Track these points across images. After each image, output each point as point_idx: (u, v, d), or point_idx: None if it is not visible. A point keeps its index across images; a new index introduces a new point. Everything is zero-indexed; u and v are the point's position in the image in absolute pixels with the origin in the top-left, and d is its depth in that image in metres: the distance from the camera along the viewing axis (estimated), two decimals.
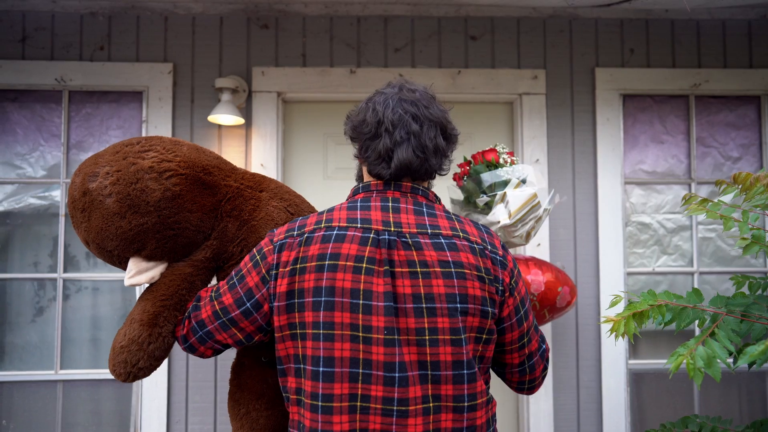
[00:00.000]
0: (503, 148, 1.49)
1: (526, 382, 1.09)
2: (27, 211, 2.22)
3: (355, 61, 2.27)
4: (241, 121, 2.15)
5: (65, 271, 2.19)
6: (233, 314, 1.00)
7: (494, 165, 1.47)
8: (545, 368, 1.10)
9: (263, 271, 0.97)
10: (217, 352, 1.07)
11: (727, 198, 1.27)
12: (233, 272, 1.04)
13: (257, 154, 2.20)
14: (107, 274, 2.19)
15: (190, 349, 1.07)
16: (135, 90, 2.23)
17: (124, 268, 1.13)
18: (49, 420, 2.14)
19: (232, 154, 2.21)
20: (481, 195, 1.42)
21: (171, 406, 2.12)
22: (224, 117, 2.11)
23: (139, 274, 1.09)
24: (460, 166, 1.55)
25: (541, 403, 2.15)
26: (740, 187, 1.13)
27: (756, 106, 2.35)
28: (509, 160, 1.47)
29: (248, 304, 0.98)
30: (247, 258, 1.02)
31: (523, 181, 1.44)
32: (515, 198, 1.37)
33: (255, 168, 2.19)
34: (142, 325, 1.05)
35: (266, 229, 1.15)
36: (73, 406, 2.15)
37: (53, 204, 2.22)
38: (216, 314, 1.01)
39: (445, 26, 2.29)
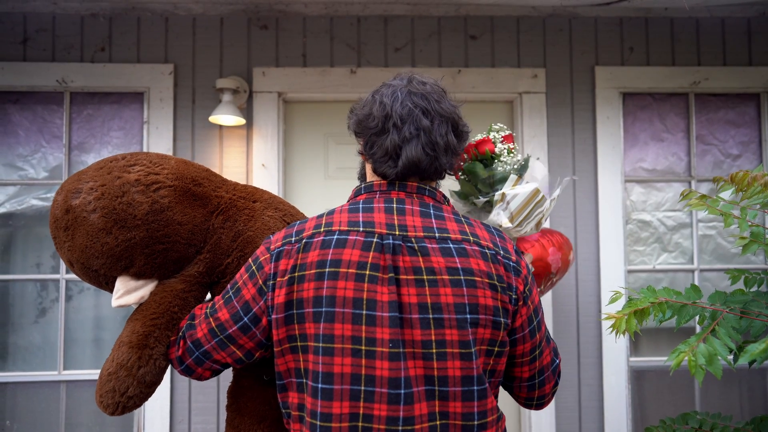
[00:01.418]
0: (499, 133, 1.30)
1: (534, 399, 1.02)
2: (29, 213, 2.22)
3: (356, 61, 2.27)
4: (242, 121, 2.16)
5: (68, 271, 2.19)
6: (230, 331, 0.93)
7: (490, 158, 1.28)
8: (556, 384, 1.03)
9: (260, 282, 0.90)
10: (215, 373, 1.00)
11: (724, 195, 1.28)
12: (229, 285, 0.97)
13: (258, 155, 2.20)
14: None
15: (187, 371, 0.99)
16: (136, 91, 2.23)
17: (112, 290, 1.06)
18: (52, 420, 2.15)
19: (233, 154, 2.22)
20: (479, 196, 1.29)
21: (174, 406, 2.12)
22: (225, 117, 2.12)
23: (128, 294, 1.03)
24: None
25: None
26: (736, 186, 1.14)
27: (755, 104, 2.35)
28: (505, 149, 1.29)
29: (246, 319, 0.91)
30: (242, 269, 0.95)
31: (521, 176, 1.29)
32: (516, 198, 1.22)
33: (256, 168, 2.20)
34: (131, 347, 0.98)
35: (263, 239, 1.07)
36: (77, 407, 2.16)
37: None
38: (212, 332, 0.94)
39: (445, 26, 2.30)
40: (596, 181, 2.25)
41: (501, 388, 1.03)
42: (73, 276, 2.19)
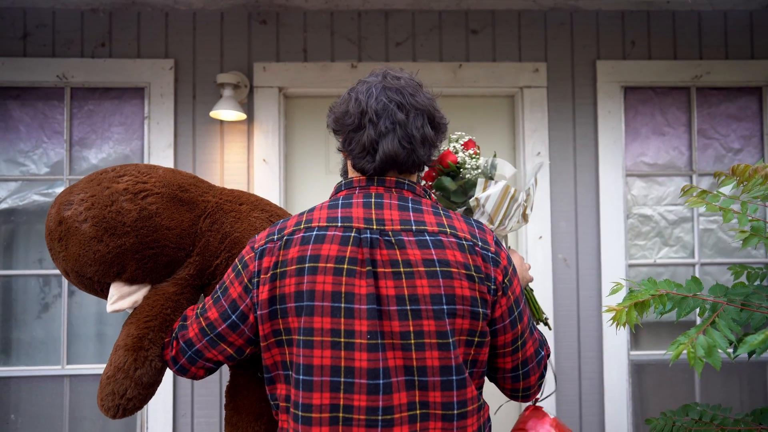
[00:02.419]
0: (458, 143, 1.31)
1: (520, 390, 1.02)
2: (31, 208, 2.23)
3: (356, 56, 2.27)
4: (243, 116, 2.16)
5: None
6: (220, 329, 0.95)
7: (455, 169, 1.28)
8: (542, 376, 1.03)
9: (245, 280, 0.93)
10: (209, 371, 1.02)
11: (725, 189, 1.28)
12: (217, 286, 1.00)
13: (259, 150, 2.20)
14: None
15: (182, 370, 1.02)
16: (137, 86, 2.24)
17: (106, 297, 1.09)
18: (56, 414, 2.16)
19: (234, 149, 2.22)
20: (457, 207, 1.29)
21: (177, 400, 2.14)
22: (226, 112, 2.12)
23: (122, 299, 1.06)
24: (423, 177, 1.37)
25: (543, 393, 2.16)
26: (738, 179, 1.14)
27: (757, 98, 2.35)
28: (468, 155, 1.28)
29: (234, 317, 0.94)
30: (230, 269, 0.98)
31: (491, 178, 1.29)
32: (489, 200, 1.22)
33: (258, 163, 2.21)
34: (126, 350, 1.01)
35: (251, 232, 1.12)
36: (80, 400, 2.17)
37: None
38: (203, 331, 0.97)
39: (445, 20, 2.29)
40: (597, 175, 2.25)
41: (487, 380, 1.04)
42: None
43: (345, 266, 0.87)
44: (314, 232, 0.90)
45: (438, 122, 0.98)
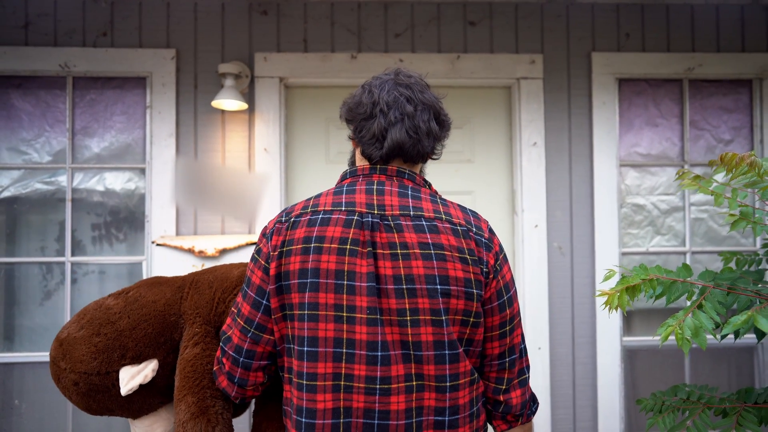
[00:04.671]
0: None
1: (504, 380, 1.03)
2: (34, 196, 2.25)
3: (356, 47, 2.30)
4: (244, 106, 2.18)
5: (74, 254, 2.23)
6: (257, 320, 0.99)
7: None
8: (521, 372, 1.05)
9: (262, 262, 0.99)
10: (267, 372, 1.03)
11: (719, 177, 1.33)
12: (243, 285, 1.05)
13: (260, 139, 2.23)
14: (114, 257, 2.24)
15: (241, 384, 1.03)
16: (138, 76, 2.25)
17: (119, 397, 1.15)
18: (60, 400, 2.20)
19: (235, 139, 2.25)
20: None
21: None
22: (227, 102, 2.14)
23: (132, 379, 1.13)
24: None
25: (538, 379, 2.23)
26: (726, 166, 1.19)
27: (748, 90, 2.40)
28: None
29: (264, 302, 0.98)
30: (249, 262, 1.04)
31: None
32: None
33: (259, 153, 2.24)
34: (195, 418, 1.02)
35: (236, 268, 1.21)
36: None
37: (59, 189, 2.26)
38: (244, 330, 1.00)
39: (444, 11, 2.32)
40: (592, 165, 2.30)
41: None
42: (78, 258, 2.23)
43: (348, 246, 0.94)
44: (320, 215, 0.98)
45: (442, 119, 1.07)
